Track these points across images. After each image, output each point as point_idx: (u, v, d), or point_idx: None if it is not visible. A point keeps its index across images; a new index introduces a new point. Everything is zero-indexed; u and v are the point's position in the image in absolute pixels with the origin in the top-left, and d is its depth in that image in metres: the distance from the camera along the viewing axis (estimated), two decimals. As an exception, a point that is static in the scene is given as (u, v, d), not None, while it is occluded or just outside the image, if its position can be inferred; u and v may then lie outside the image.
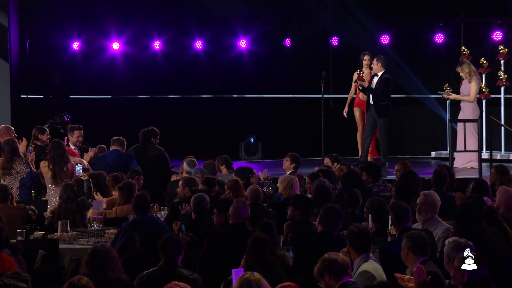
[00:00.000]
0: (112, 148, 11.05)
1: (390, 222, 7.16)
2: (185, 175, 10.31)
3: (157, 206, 8.93)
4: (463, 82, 13.42)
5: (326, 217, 6.83)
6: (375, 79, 13.23)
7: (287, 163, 10.77)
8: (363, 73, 13.29)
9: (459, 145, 12.78)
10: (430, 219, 7.43)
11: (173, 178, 10.62)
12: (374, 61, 13.22)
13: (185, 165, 10.57)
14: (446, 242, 5.96)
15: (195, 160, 10.68)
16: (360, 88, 13.30)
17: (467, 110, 13.13)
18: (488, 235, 6.67)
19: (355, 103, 13.69)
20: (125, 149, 11.18)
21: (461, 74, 13.24)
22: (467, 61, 13.59)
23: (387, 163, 13.21)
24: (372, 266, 6.06)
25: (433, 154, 15.69)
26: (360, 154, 13.34)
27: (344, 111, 13.71)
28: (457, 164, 12.77)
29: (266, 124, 17.66)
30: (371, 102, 13.25)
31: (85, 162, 10.46)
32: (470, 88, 13.13)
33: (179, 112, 18.36)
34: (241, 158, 16.47)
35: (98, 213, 8.48)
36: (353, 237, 6.15)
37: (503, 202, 7.61)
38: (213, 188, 8.88)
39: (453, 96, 13.41)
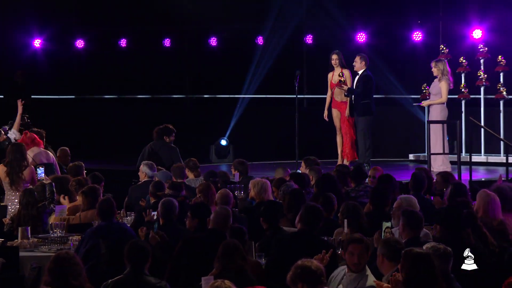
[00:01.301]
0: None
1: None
2: (145, 179, 10.27)
3: (123, 211, 8.90)
4: (434, 80, 13.53)
5: (307, 215, 6.86)
6: (356, 78, 13.34)
7: (234, 171, 10.81)
8: (343, 77, 13.33)
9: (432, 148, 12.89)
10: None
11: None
12: (358, 59, 13.32)
13: (145, 168, 10.49)
14: (424, 248, 5.99)
15: (151, 163, 10.64)
16: (346, 94, 13.37)
17: (435, 112, 13.23)
18: (473, 242, 6.71)
19: (332, 104, 13.75)
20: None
21: (434, 69, 13.31)
22: (444, 60, 13.68)
23: (365, 165, 13.26)
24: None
25: (411, 156, 15.78)
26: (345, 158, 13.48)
27: (324, 115, 13.77)
28: (433, 167, 12.82)
29: (237, 126, 17.66)
30: (353, 102, 13.36)
31: (51, 155, 10.39)
32: (439, 88, 13.22)
33: (148, 113, 18.30)
34: (211, 161, 16.45)
35: (61, 219, 8.42)
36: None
37: (482, 206, 7.66)
38: (180, 192, 8.87)
39: (427, 102, 13.48)
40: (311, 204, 7.06)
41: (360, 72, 13.34)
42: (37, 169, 9.92)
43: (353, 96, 13.34)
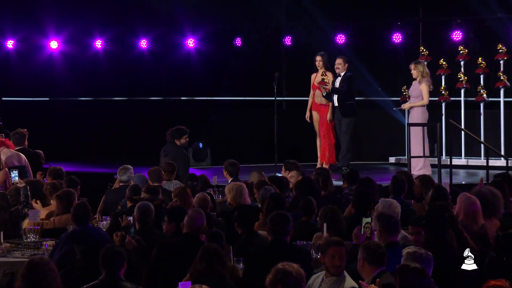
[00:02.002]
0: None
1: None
2: (121, 184, 10.24)
3: (98, 215, 8.86)
4: (413, 83, 13.58)
5: (272, 226, 6.86)
6: (338, 79, 13.38)
7: (224, 173, 10.81)
8: (327, 77, 13.38)
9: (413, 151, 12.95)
10: (388, 228, 7.49)
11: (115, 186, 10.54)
12: (341, 62, 13.38)
13: (121, 173, 10.45)
14: (405, 252, 6.01)
15: (128, 166, 10.59)
16: (324, 94, 13.41)
17: (416, 114, 13.27)
18: (456, 247, 6.74)
19: (312, 107, 13.78)
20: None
21: (413, 71, 13.32)
22: (423, 61, 13.72)
23: (344, 168, 13.30)
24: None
25: (391, 159, 15.83)
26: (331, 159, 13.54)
27: (306, 115, 13.80)
28: (413, 170, 12.86)
29: (215, 128, 17.63)
30: (335, 104, 13.40)
31: (23, 157, 10.32)
32: (420, 90, 13.25)
33: (124, 116, 18.24)
34: (189, 164, 16.40)
35: (35, 223, 8.36)
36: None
37: (463, 209, 7.69)
38: (157, 196, 8.85)
39: (407, 105, 13.50)
40: (274, 212, 7.05)
41: (342, 74, 13.41)
42: (11, 173, 9.84)
43: (336, 97, 13.36)
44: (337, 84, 13.40)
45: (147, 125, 18.15)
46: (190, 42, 18.03)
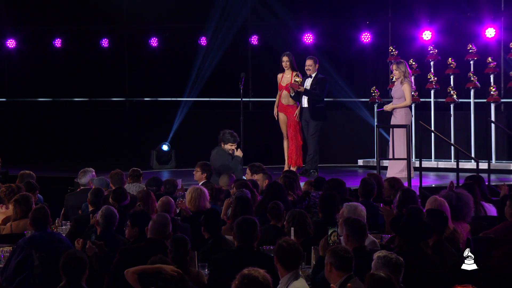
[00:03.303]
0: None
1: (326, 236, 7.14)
2: (80, 187, 10.17)
3: (58, 221, 8.78)
4: (395, 83, 13.62)
5: (238, 231, 6.84)
6: (309, 81, 13.40)
7: (198, 174, 10.77)
8: (299, 78, 13.38)
9: (391, 153, 13.00)
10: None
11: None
12: (312, 62, 13.39)
13: (80, 177, 10.36)
14: (376, 256, 6.02)
15: (88, 169, 10.52)
16: (292, 94, 13.42)
17: (399, 115, 13.30)
18: (429, 253, 6.77)
19: (279, 108, 13.79)
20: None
21: (395, 72, 13.33)
22: (404, 61, 13.70)
23: (312, 171, 13.33)
24: (303, 284, 6.07)
25: (360, 162, 15.89)
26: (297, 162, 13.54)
27: (274, 112, 13.80)
28: (390, 174, 12.90)
29: (180, 130, 17.58)
30: (304, 105, 13.42)
31: None
32: (402, 91, 13.28)
33: (85, 117, 18.12)
34: (152, 167, 16.35)
35: (-9, 229, 8.27)
36: (282, 252, 6.14)
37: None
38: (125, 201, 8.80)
39: (390, 106, 13.51)
40: (239, 218, 7.03)
41: (313, 75, 13.42)
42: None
43: (305, 99, 13.38)
44: (307, 85, 13.41)
45: (109, 126, 18.05)
46: (153, 41, 17.96)
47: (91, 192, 9.20)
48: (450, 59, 15.02)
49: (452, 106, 15.00)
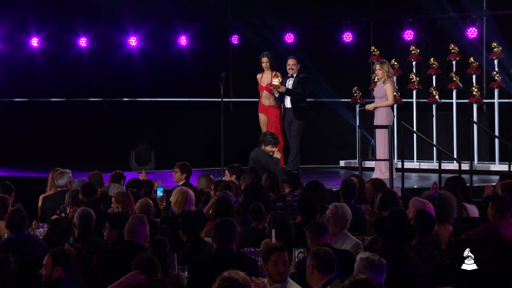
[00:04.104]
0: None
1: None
2: (59, 189, 10.11)
3: (35, 222, 8.73)
4: (377, 83, 13.65)
5: (216, 233, 6.83)
6: (290, 81, 13.41)
7: (177, 175, 10.75)
8: (279, 78, 13.39)
9: (378, 154, 13.04)
10: (339, 233, 7.53)
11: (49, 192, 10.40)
12: (294, 62, 13.41)
13: (57, 178, 10.30)
14: (358, 257, 6.04)
15: (66, 170, 10.47)
16: (277, 95, 13.43)
17: (381, 115, 13.33)
18: (412, 255, 6.79)
19: (259, 109, 13.80)
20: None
21: (378, 71, 13.35)
22: (387, 61, 13.72)
23: (294, 172, 13.33)
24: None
25: (342, 163, 15.92)
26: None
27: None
28: (375, 175, 12.90)
29: (159, 131, 17.54)
30: (287, 105, 13.43)
31: None
32: (384, 90, 13.30)
33: (62, 117, 18.04)
34: (131, 168, 16.30)
35: (-34, 231, 8.22)
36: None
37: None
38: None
39: (372, 106, 13.53)
40: (218, 220, 7.03)
41: (295, 75, 13.45)
42: None
43: (288, 99, 13.39)
44: (289, 85, 13.43)
45: (87, 127, 17.98)
46: (133, 41, 17.91)
47: (69, 194, 9.16)
48: (432, 59, 15.08)
49: (434, 106, 15.05)
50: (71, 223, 7.92)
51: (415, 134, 14.53)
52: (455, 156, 14.04)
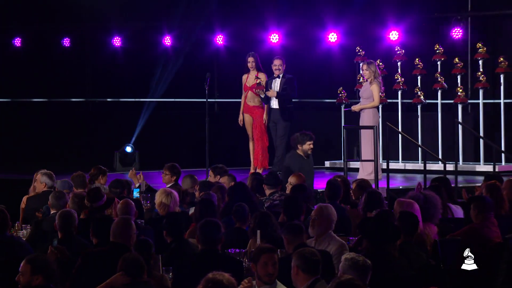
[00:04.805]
0: None
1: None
2: (45, 189, 10.08)
3: (18, 224, 8.70)
4: (363, 84, 13.68)
5: (201, 234, 6.84)
6: (277, 81, 13.41)
7: (167, 177, 10.72)
8: (261, 79, 13.41)
9: (364, 155, 13.07)
10: (324, 234, 7.55)
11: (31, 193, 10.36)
12: (281, 62, 13.41)
13: (44, 178, 10.26)
14: (343, 258, 6.06)
15: (50, 172, 10.44)
16: (263, 96, 13.43)
17: (367, 116, 13.36)
18: (396, 256, 6.82)
19: (244, 109, 13.80)
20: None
21: (365, 72, 13.35)
22: (374, 62, 13.76)
23: (279, 173, 13.34)
24: None
25: (327, 164, 15.94)
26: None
27: (239, 119, 13.81)
28: (361, 175, 12.93)
29: (144, 132, 17.52)
30: (273, 106, 13.43)
31: None
32: (371, 91, 13.33)
33: (45, 118, 18.00)
34: (116, 169, 16.27)
35: None
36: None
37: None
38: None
39: (358, 106, 13.56)
40: (203, 221, 7.03)
41: (281, 76, 13.45)
42: None
43: (275, 100, 13.41)
44: (276, 86, 13.41)
45: (70, 127, 17.94)
46: (117, 41, 17.88)
47: (52, 195, 9.14)
48: (417, 59, 15.12)
49: (419, 107, 15.10)
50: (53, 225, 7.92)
51: (400, 135, 14.58)
52: (440, 156, 14.10)
